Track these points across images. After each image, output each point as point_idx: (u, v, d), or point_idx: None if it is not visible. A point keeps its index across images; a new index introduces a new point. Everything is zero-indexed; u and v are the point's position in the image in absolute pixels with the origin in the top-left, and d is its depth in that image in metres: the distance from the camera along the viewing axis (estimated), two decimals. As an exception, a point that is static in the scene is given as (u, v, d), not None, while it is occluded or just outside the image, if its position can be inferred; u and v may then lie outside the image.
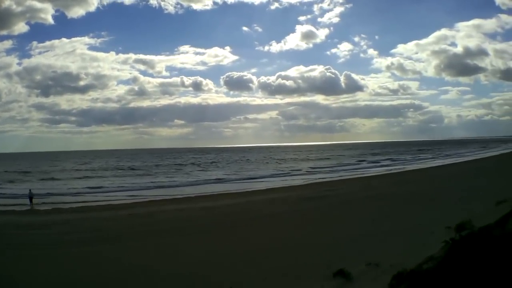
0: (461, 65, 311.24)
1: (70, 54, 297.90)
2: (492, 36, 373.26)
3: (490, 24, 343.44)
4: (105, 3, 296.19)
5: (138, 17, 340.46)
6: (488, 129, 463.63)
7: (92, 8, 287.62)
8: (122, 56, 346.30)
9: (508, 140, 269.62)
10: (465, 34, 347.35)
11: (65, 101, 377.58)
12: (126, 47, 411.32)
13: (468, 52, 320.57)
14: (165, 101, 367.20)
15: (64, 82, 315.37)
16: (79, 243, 17.85)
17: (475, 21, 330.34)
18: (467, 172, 43.21)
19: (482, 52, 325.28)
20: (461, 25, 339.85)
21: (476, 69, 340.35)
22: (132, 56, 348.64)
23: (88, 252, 16.01)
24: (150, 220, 23.45)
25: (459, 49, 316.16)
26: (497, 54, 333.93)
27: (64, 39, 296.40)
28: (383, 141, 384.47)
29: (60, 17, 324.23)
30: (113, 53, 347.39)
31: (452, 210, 17.53)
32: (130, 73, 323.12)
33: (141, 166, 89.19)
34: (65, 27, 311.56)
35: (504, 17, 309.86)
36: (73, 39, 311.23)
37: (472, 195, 22.49)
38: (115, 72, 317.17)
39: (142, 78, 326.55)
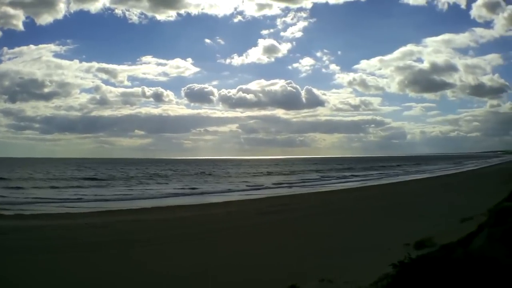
0: (426, 81, 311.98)
1: (37, 61, 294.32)
2: (463, 51, 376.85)
3: (462, 38, 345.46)
4: (72, 11, 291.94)
5: (102, 26, 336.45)
6: (454, 145, 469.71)
7: (60, 16, 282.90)
8: (85, 65, 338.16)
9: (474, 156, 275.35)
10: (433, 50, 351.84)
11: (30, 108, 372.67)
12: (90, 56, 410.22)
13: (435, 68, 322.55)
14: (126, 111, 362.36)
15: (30, 89, 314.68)
16: (41, 249, 17.38)
17: (445, 36, 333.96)
18: (431, 189, 43.42)
19: (451, 68, 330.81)
20: (430, 40, 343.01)
21: (443, 85, 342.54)
22: (95, 64, 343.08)
23: (50, 260, 15.50)
24: (106, 230, 22.81)
25: (425, 65, 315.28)
26: (468, 69, 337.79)
27: (32, 46, 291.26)
28: (344, 156, 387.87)
29: (30, 24, 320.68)
30: (76, 61, 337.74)
31: (413, 227, 17.34)
32: (93, 82, 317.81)
33: (99, 176, 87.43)
34: (33, 34, 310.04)
35: (479, 30, 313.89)
36: (40, 46, 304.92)
37: (435, 212, 22.49)
38: (78, 80, 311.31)
39: (104, 87, 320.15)
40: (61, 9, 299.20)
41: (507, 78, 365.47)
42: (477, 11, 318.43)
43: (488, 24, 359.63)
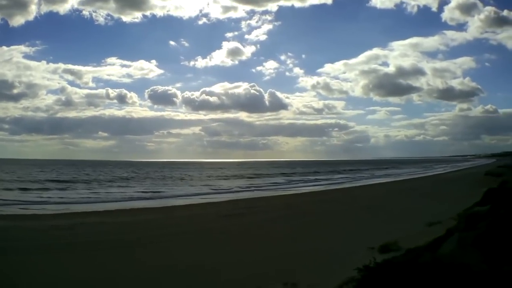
0: (391, 85, 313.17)
1: (8, 62, 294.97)
2: (432, 54, 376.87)
3: (431, 42, 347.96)
4: (42, 12, 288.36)
5: (70, 27, 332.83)
6: (421, 149, 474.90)
7: (31, 17, 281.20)
8: (52, 66, 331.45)
9: (442, 160, 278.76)
10: (399, 53, 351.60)
11: (1, 109, 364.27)
12: (57, 57, 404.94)
13: (401, 72, 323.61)
14: (90, 112, 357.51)
15: (1, 90, 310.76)
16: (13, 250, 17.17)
17: (413, 40, 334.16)
18: (397, 192, 43.72)
19: (417, 72, 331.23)
20: (396, 44, 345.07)
21: (409, 89, 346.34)
22: (62, 65, 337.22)
23: (24, 261, 15.29)
24: (72, 232, 22.33)
25: (391, 69, 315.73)
26: (436, 73, 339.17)
27: (4, 47, 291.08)
28: (307, 159, 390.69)
29: (3, 25, 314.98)
30: (44, 62, 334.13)
31: (378, 230, 17.33)
32: (59, 83, 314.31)
33: (63, 178, 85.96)
34: (6, 35, 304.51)
35: (450, 33, 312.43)
36: (12, 47, 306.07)
37: (401, 215, 22.58)
38: (45, 81, 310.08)
39: (69, 88, 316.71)
40: (32, 11, 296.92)
41: (479, 81, 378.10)
42: (450, 13, 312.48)
43: (461, 27, 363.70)
